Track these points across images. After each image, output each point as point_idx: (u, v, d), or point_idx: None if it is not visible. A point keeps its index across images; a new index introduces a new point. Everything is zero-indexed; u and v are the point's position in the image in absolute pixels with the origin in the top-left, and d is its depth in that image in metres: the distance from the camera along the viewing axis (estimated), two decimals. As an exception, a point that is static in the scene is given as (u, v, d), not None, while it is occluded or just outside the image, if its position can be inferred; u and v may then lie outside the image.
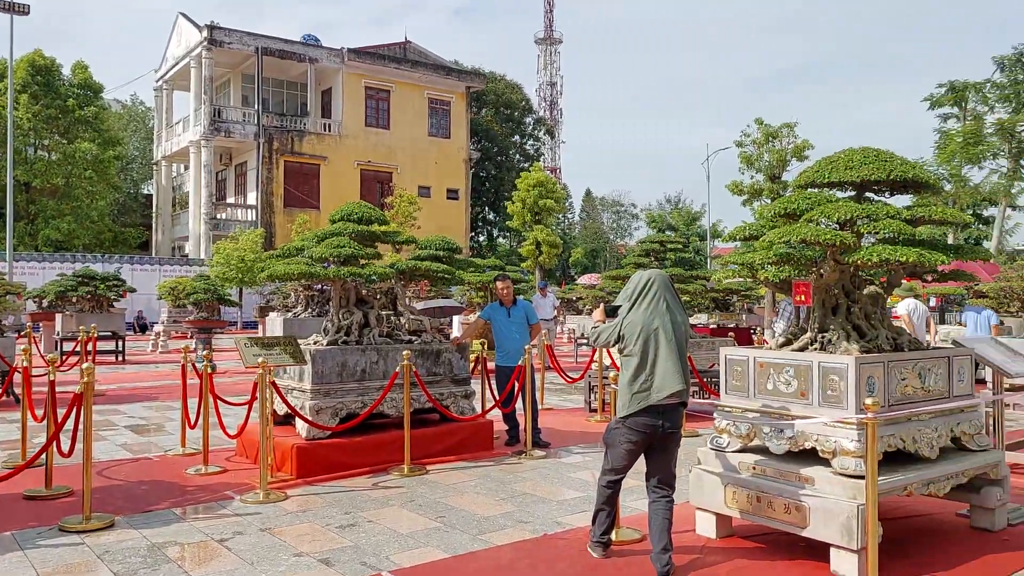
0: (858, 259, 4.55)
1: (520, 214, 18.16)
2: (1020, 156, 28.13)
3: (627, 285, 4.62)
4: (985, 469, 5.20)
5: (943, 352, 5.21)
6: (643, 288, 4.54)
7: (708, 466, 5.20)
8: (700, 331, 18.82)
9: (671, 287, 4.60)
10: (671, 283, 4.63)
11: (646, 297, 4.49)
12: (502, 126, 51.97)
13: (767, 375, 5.02)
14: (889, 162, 5.00)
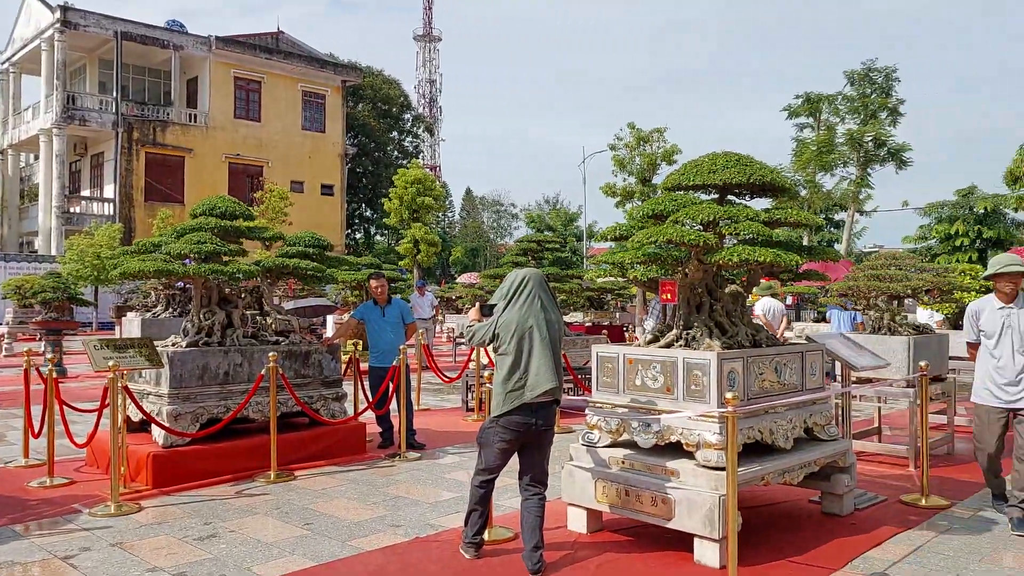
0: (720, 259, 4.71)
1: (397, 211, 17.88)
2: (867, 164, 30.30)
3: (502, 284, 4.61)
4: (835, 458, 5.51)
5: (797, 348, 5.48)
6: (518, 287, 4.53)
7: (579, 462, 5.26)
8: (576, 329, 19.16)
9: (546, 286, 4.61)
10: (546, 282, 4.64)
11: (521, 296, 4.48)
12: (380, 122, 51.20)
13: (636, 371, 5.13)
14: (749, 166, 5.21)
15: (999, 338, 5.46)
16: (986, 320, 5.54)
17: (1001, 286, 5.47)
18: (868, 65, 29.62)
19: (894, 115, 29.76)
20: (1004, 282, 5.47)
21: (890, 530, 5.23)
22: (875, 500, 5.94)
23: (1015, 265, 5.43)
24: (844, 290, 7.64)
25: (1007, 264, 5.44)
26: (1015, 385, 5.37)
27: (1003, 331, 5.43)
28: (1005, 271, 5.42)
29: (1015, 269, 5.41)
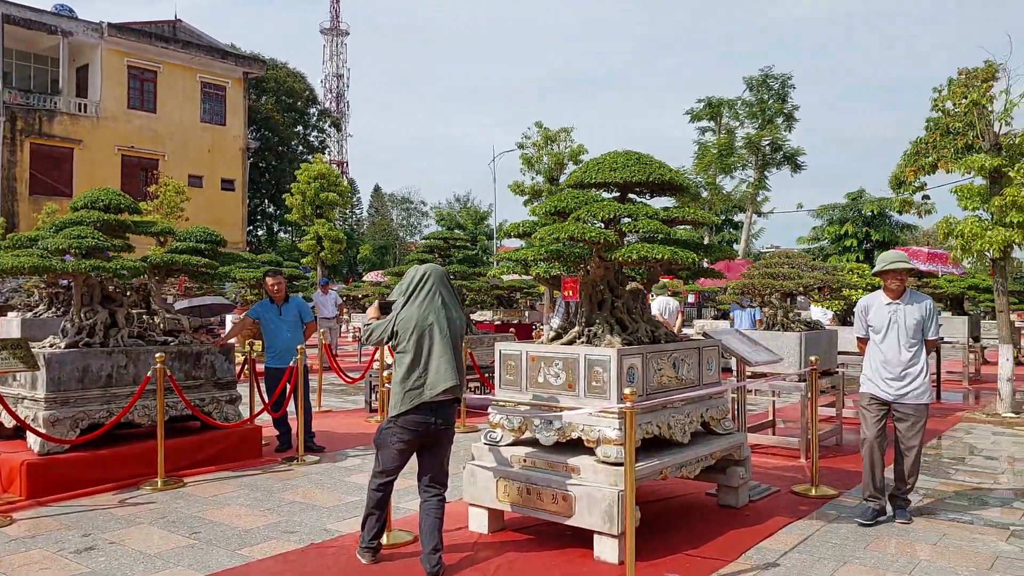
0: (620, 256, 4.73)
1: (300, 207, 17.38)
2: (764, 168, 31.50)
3: (402, 280, 4.47)
4: (730, 451, 5.64)
5: (694, 344, 5.58)
6: (418, 283, 4.41)
7: (481, 461, 5.19)
8: (484, 327, 19.13)
9: (447, 282, 4.50)
10: (447, 278, 4.53)
11: (421, 292, 4.37)
12: (284, 116, 49.83)
13: (539, 369, 5.10)
14: (648, 165, 5.27)
15: (886, 333, 5.57)
16: (874, 316, 5.68)
17: (888, 283, 5.63)
18: (766, 72, 30.78)
19: (789, 120, 31.02)
20: (891, 279, 5.60)
21: (782, 520, 5.38)
22: (768, 491, 6.12)
23: (901, 262, 5.58)
24: (740, 288, 7.86)
25: (893, 261, 5.61)
26: (899, 380, 5.48)
27: (889, 326, 5.55)
28: (891, 268, 5.60)
29: (901, 266, 5.56)
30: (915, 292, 5.66)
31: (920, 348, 5.51)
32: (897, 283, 5.60)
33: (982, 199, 10.32)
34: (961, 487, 6.42)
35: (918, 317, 5.49)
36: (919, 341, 5.50)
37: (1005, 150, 10.30)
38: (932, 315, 5.57)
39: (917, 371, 5.48)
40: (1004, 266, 10.36)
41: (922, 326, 5.50)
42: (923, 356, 5.52)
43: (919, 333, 5.49)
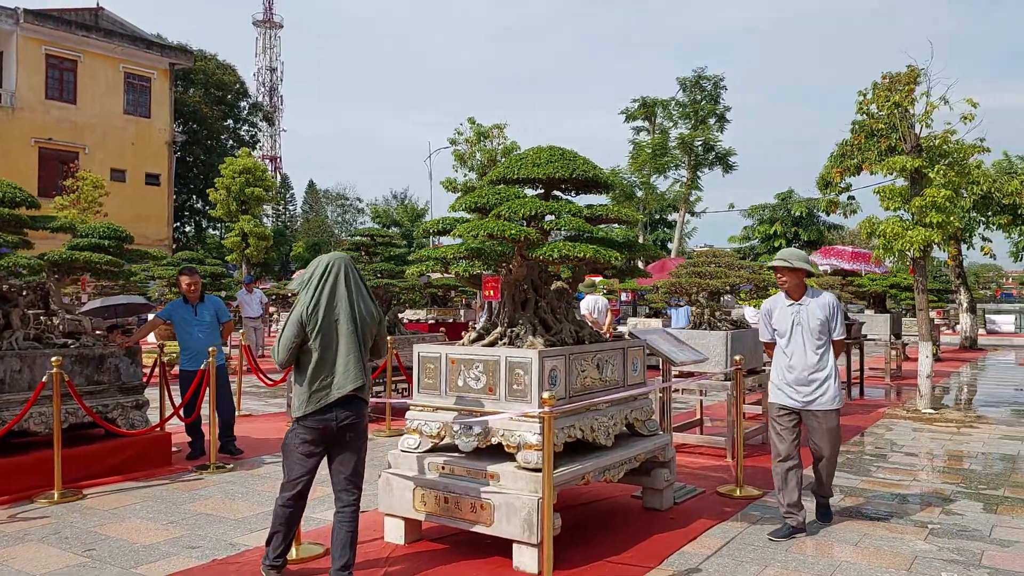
0: (541, 254, 4.57)
1: (225, 203, 16.75)
2: (697, 168, 31.90)
3: (304, 272, 4.17)
4: (655, 452, 5.55)
5: (619, 344, 5.46)
6: (322, 275, 4.06)
7: (398, 469, 4.97)
8: (416, 327, 18.83)
9: (354, 273, 4.16)
10: (354, 268, 4.18)
11: (325, 285, 4.02)
12: (213, 109, 48.34)
13: (458, 372, 4.91)
14: (573, 161, 5.12)
15: (790, 336, 5.21)
16: (777, 318, 5.32)
17: (777, 280, 5.28)
18: (699, 73, 31.16)
19: (722, 121, 31.48)
20: (778, 276, 5.26)
21: (706, 523, 5.31)
22: (693, 492, 6.06)
23: (780, 260, 5.21)
24: (668, 287, 7.81)
25: (777, 258, 5.25)
26: (807, 385, 5.11)
27: (793, 328, 5.18)
28: (771, 264, 5.30)
29: (777, 263, 5.21)
30: (816, 290, 5.31)
31: (827, 350, 5.16)
32: (786, 281, 5.21)
33: (903, 200, 10.54)
34: (882, 485, 6.48)
35: (822, 317, 5.11)
36: (825, 343, 5.14)
37: (925, 152, 10.54)
38: (836, 313, 5.18)
39: (824, 375, 5.12)
40: (924, 265, 10.61)
41: (827, 326, 5.13)
42: (831, 358, 5.17)
43: (825, 334, 5.13)
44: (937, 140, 10.53)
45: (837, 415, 5.21)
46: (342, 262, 4.12)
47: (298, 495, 4.14)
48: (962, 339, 23.31)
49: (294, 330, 3.98)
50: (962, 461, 7.42)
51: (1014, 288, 72.14)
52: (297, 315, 4.00)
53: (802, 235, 43.58)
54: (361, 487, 4.20)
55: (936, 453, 7.86)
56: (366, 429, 4.17)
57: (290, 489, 4.14)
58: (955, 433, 8.94)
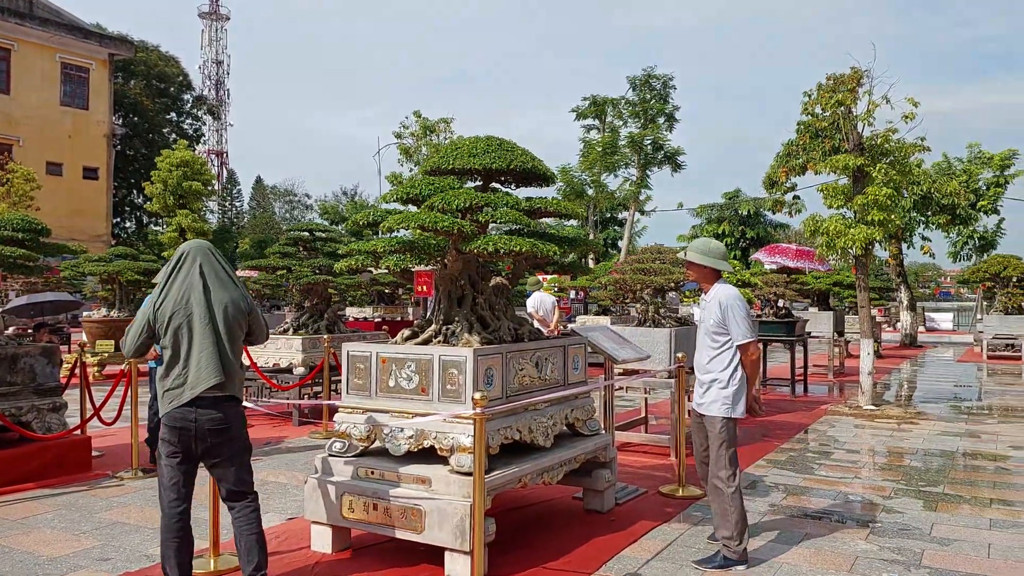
0: (475, 248, 4.36)
1: (161, 196, 16.17)
2: (646, 167, 32.03)
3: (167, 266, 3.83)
4: (596, 453, 5.40)
5: (559, 342, 5.30)
6: (175, 266, 3.72)
7: (325, 474, 4.73)
8: (362, 326, 18.48)
9: (214, 259, 3.81)
10: (214, 255, 3.83)
11: (178, 276, 3.69)
12: (155, 101, 47.01)
13: (390, 371, 4.68)
14: (511, 152, 4.93)
15: (698, 332, 4.86)
16: (697, 313, 5.02)
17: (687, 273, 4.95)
18: (648, 72, 31.27)
19: (671, 120, 31.63)
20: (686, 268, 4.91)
21: (647, 524, 5.18)
22: (635, 493, 5.93)
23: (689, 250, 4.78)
24: (613, 284, 7.68)
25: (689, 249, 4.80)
26: (700, 387, 4.68)
27: (699, 325, 4.82)
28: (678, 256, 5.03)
29: (684, 256, 4.82)
30: (724, 285, 4.73)
31: (722, 352, 4.58)
32: (688, 275, 4.86)
33: (846, 198, 10.62)
34: (824, 483, 6.44)
35: (717, 315, 4.58)
36: (720, 344, 4.58)
37: (867, 151, 10.63)
38: (730, 311, 4.53)
39: (711, 378, 4.60)
40: (866, 263, 10.70)
41: (722, 325, 4.56)
42: (726, 362, 4.56)
43: (720, 334, 4.58)
44: (879, 139, 10.62)
45: (724, 425, 4.52)
46: (198, 250, 3.77)
47: (178, 500, 3.67)
48: (903, 336, 23.83)
49: (140, 325, 3.66)
50: (902, 458, 7.45)
51: (952, 287, 74.46)
52: (144, 312, 3.66)
53: (748, 233, 44.26)
54: (252, 492, 3.81)
55: (877, 450, 7.89)
56: (241, 432, 3.75)
57: (173, 493, 3.66)
58: (895, 430, 9.01)
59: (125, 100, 45.14)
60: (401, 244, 4.47)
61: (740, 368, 4.56)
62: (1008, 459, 7.37)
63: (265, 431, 8.65)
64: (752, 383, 4.54)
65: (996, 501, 5.86)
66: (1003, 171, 24.99)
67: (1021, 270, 19.73)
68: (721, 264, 4.66)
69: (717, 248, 4.74)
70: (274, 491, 6.10)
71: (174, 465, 3.65)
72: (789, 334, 12.03)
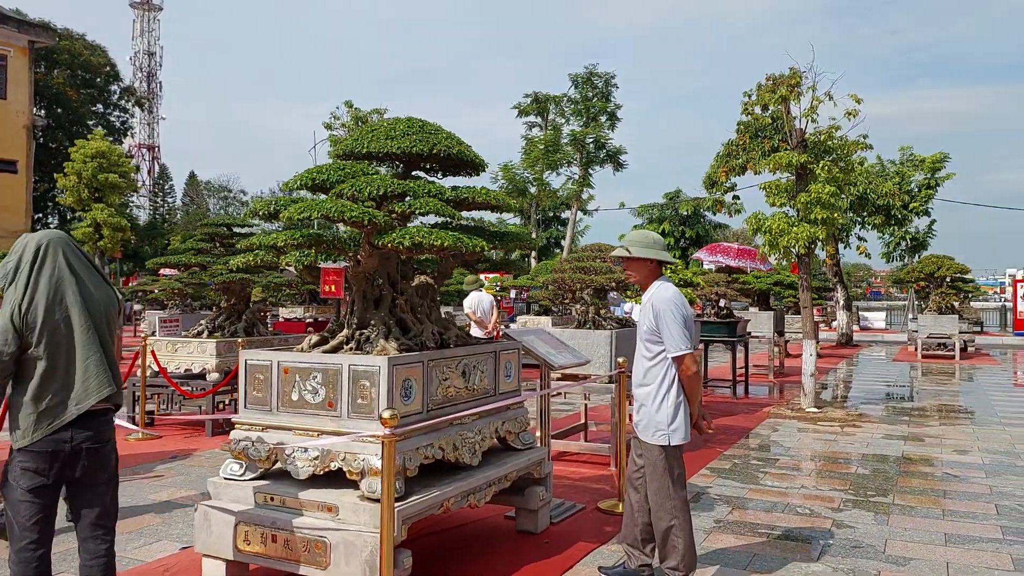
0: (389, 242, 3.83)
1: (75, 189, 15.13)
2: (589, 165, 31.81)
3: (5, 260, 3.10)
4: (529, 469, 4.92)
5: (489, 347, 4.80)
6: (33, 261, 3.04)
7: (219, 500, 4.14)
8: (291, 327, 17.67)
9: (80, 252, 3.19)
10: (75, 246, 3.19)
11: (41, 274, 3.02)
12: (80, 92, 44.92)
13: (293, 383, 4.12)
14: (434, 135, 4.41)
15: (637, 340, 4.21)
16: (637, 316, 4.37)
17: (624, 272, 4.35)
18: (590, 69, 31.06)
19: (613, 119, 31.48)
20: (623, 266, 4.32)
21: (584, 547, 4.72)
22: (572, 510, 5.47)
23: (620, 247, 4.22)
24: (551, 283, 7.22)
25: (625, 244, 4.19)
26: (637, 402, 4.07)
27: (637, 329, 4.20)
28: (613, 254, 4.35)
29: (616, 252, 4.25)
30: (664, 284, 4.07)
31: (657, 363, 3.95)
32: (627, 275, 4.26)
33: (788, 196, 10.39)
34: (770, 494, 6.09)
35: (650, 319, 3.96)
36: (655, 354, 3.95)
37: (811, 148, 10.42)
38: (663, 316, 3.89)
39: (644, 393, 3.99)
40: (808, 262, 10.49)
41: (656, 332, 3.94)
42: (660, 375, 3.94)
43: (654, 343, 3.95)
44: (822, 136, 10.42)
45: (661, 454, 3.90)
46: (59, 242, 3.11)
47: (37, 543, 2.98)
48: (839, 336, 24.05)
49: (6, 337, 2.92)
50: (849, 464, 7.17)
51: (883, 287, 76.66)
52: (7, 318, 2.94)
53: (688, 233, 44.50)
54: (114, 531, 3.18)
55: (823, 456, 7.60)
56: (113, 454, 3.15)
57: (24, 539, 2.97)
58: (839, 433, 8.77)
59: (47, 90, 43.02)
60: (306, 238, 3.91)
61: (678, 384, 3.94)
62: (953, 465, 7.15)
63: (175, 442, 7.94)
64: (694, 401, 4.00)
65: (948, 512, 5.58)
66: (934, 173, 25.51)
67: (955, 270, 20.03)
68: (663, 255, 4.10)
69: (658, 240, 4.19)
70: (174, 514, 5.46)
71: (34, 498, 2.95)
72: (730, 334, 11.78)
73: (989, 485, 6.39)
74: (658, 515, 3.96)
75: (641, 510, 4.10)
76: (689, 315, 3.99)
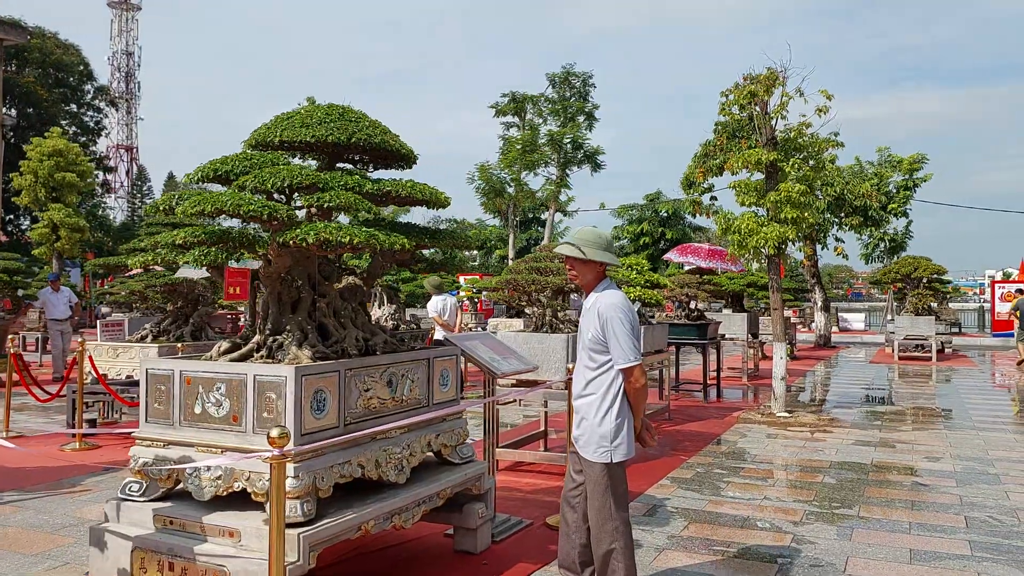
0: (291, 238, 3.46)
1: (31, 188, 14.66)
2: (566, 165, 31.52)
3: None
4: (466, 485, 4.57)
5: (422, 354, 4.44)
6: None
7: (115, 522, 3.77)
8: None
9: None
10: None
11: None
12: (51, 91, 44.14)
13: (196, 394, 3.75)
14: (356, 123, 4.06)
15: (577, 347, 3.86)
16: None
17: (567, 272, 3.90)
18: (567, 69, 30.77)
19: (591, 119, 31.22)
20: (566, 266, 3.89)
21: (524, 569, 4.38)
22: (518, 527, 5.12)
23: (565, 243, 3.78)
24: (504, 284, 6.89)
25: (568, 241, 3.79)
26: (576, 413, 3.72)
27: (579, 336, 3.81)
28: (555, 250, 3.94)
29: (557, 249, 3.81)
30: (609, 288, 3.69)
31: (601, 373, 3.59)
32: (571, 275, 3.82)
33: (758, 195, 10.11)
34: (731, 506, 5.77)
35: (595, 327, 3.58)
36: (599, 364, 3.60)
37: (781, 145, 10.15)
38: (610, 324, 3.51)
39: (586, 404, 3.63)
40: (779, 262, 10.21)
41: (601, 341, 3.57)
42: (604, 386, 3.58)
43: (599, 352, 3.59)
44: (792, 133, 10.15)
45: (604, 471, 3.54)
46: None
47: None
48: (817, 337, 23.87)
49: None
50: (816, 473, 6.87)
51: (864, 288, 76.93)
52: None
53: (668, 235, 44.33)
54: None
55: (789, 464, 7.31)
56: None
57: None
58: (808, 439, 8.49)
59: (17, 89, 42.21)
60: (208, 235, 3.55)
61: (622, 396, 3.60)
62: (924, 473, 6.88)
63: (112, 453, 7.52)
64: (639, 414, 3.66)
65: (915, 526, 5.28)
66: (912, 175, 25.43)
67: (932, 271, 19.88)
68: (606, 256, 3.69)
69: (609, 240, 3.78)
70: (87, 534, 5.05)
71: None
72: (701, 337, 11.49)
73: (959, 495, 6.11)
74: (598, 537, 3.62)
75: (579, 530, 3.77)
76: (637, 322, 3.67)
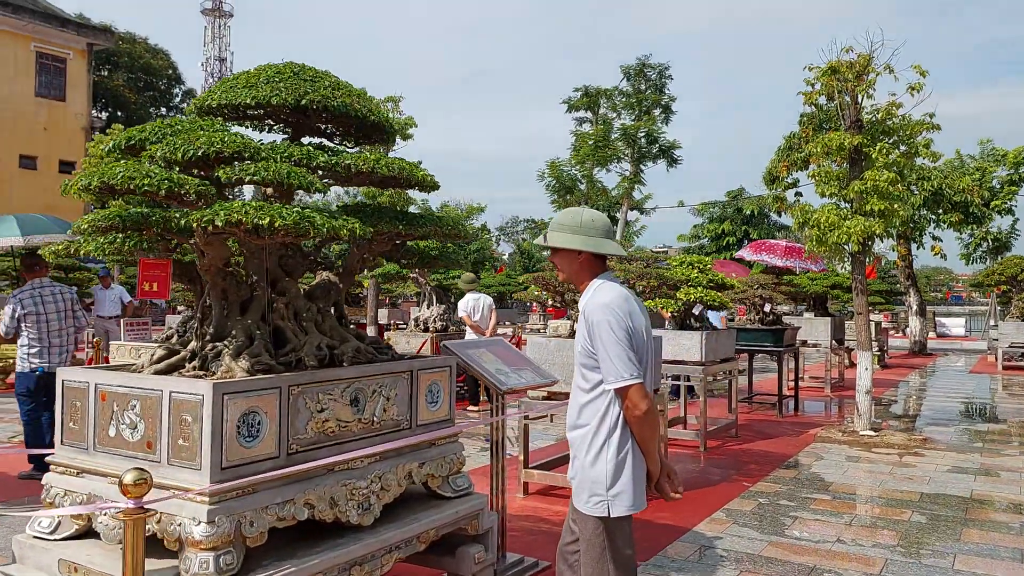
0: (197, 219, 2.72)
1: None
2: (641, 161, 30.37)
3: None
4: (459, 524, 3.78)
5: (402, 366, 3.68)
6: None
7: (21, 564, 3.14)
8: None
9: None
10: None
11: None
12: (140, 95, 45.60)
13: (111, 413, 3.08)
14: (313, 83, 3.32)
15: None
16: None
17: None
18: (642, 61, 29.63)
19: (667, 112, 30.00)
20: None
21: (523, 634, 3.56)
22: (531, 571, 4.31)
23: (551, 230, 2.88)
24: (530, 281, 6.06)
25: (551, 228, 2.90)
26: (571, 447, 2.85)
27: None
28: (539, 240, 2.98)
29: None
30: (604, 284, 2.81)
31: (595, 396, 2.74)
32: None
33: (840, 184, 8.96)
34: (795, 551, 4.80)
35: (584, 336, 2.76)
36: (594, 384, 2.74)
37: (867, 128, 8.97)
38: (596, 329, 2.68)
39: (579, 439, 2.77)
40: (863, 261, 9.04)
41: (592, 354, 2.72)
42: (600, 415, 2.72)
43: (590, 368, 2.74)
44: (880, 114, 8.96)
45: (598, 528, 2.70)
46: None
47: None
48: (911, 343, 22.07)
49: None
50: (903, 509, 5.79)
51: (964, 291, 72.31)
52: None
53: (752, 234, 42.40)
54: None
55: (871, 495, 6.23)
56: None
57: None
58: (896, 463, 7.35)
59: (107, 92, 43.74)
60: (113, 219, 2.87)
61: (622, 428, 2.70)
62: (1039, 512, 5.72)
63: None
64: (650, 452, 2.73)
65: (1030, 588, 4.22)
66: (1018, 169, 23.23)
67: (1041, 272, 17.97)
68: (602, 243, 2.79)
69: (596, 220, 2.84)
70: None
71: None
72: (777, 343, 10.36)
73: (1086, 545, 4.96)
74: None
75: None
76: (638, 328, 2.78)
